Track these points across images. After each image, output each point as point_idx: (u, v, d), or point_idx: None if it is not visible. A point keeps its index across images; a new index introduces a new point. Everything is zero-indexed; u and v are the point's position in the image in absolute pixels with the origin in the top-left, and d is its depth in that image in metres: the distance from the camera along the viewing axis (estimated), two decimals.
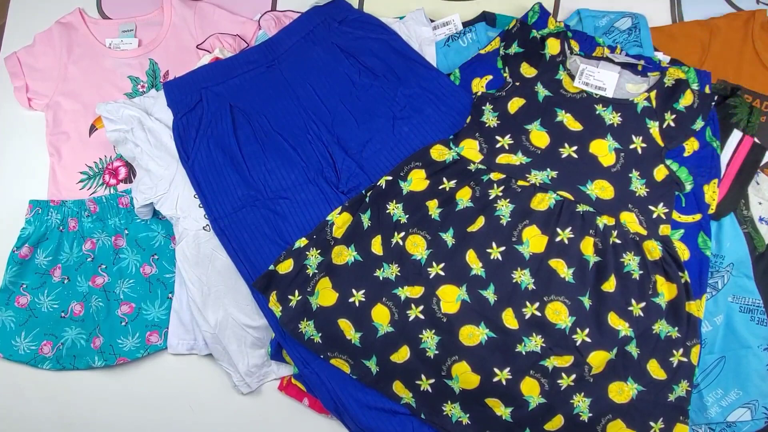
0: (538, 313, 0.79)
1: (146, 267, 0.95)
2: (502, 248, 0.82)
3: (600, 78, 0.91)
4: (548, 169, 0.87)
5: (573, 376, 0.78)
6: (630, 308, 0.80)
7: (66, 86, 1.04)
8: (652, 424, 0.78)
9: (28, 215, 0.96)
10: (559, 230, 0.83)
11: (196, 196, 0.91)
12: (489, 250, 0.82)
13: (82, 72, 1.05)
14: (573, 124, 0.89)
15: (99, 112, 0.94)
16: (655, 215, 0.84)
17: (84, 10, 1.09)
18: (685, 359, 0.80)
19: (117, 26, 1.08)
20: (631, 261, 0.82)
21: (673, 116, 0.88)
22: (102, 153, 1.01)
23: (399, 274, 0.83)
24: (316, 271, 0.85)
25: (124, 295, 0.93)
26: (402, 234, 0.85)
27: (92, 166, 1.01)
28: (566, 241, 0.82)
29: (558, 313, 0.79)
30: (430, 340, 0.81)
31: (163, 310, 0.93)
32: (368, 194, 0.88)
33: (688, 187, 0.86)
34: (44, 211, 0.96)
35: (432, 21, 1.03)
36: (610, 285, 0.80)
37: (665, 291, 0.82)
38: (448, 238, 0.84)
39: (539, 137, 0.89)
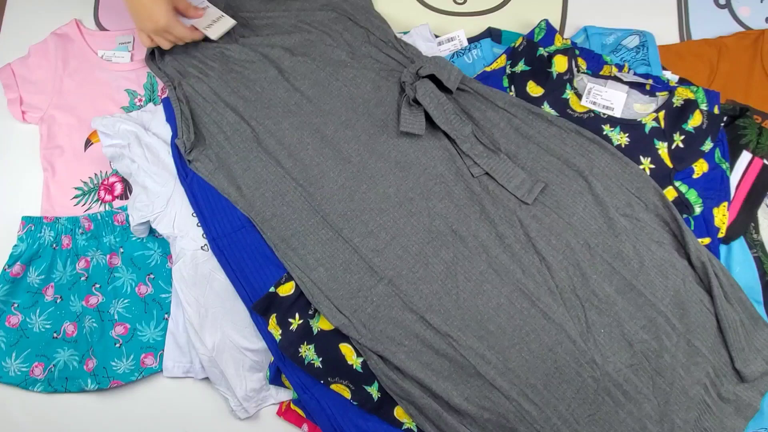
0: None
1: (142, 286, 0.92)
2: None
3: (607, 97, 0.90)
4: None
5: None
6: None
7: (61, 99, 1.01)
8: None
9: (20, 232, 0.93)
10: None
11: (194, 214, 0.89)
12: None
13: (78, 85, 1.02)
14: None
15: (95, 126, 0.92)
16: None
17: (81, 22, 1.07)
18: None
19: (114, 38, 1.06)
20: None
21: (682, 137, 0.87)
22: (97, 168, 0.99)
23: None
24: None
25: (118, 316, 0.91)
26: None
27: (87, 182, 0.98)
28: None
29: None
30: None
31: (159, 331, 0.91)
32: None
33: (698, 209, 0.85)
34: (37, 228, 0.93)
35: (437, 36, 1.01)
36: None
37: None
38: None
39: None
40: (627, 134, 0.88)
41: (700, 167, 0.86)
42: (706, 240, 0.84)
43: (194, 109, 0.92)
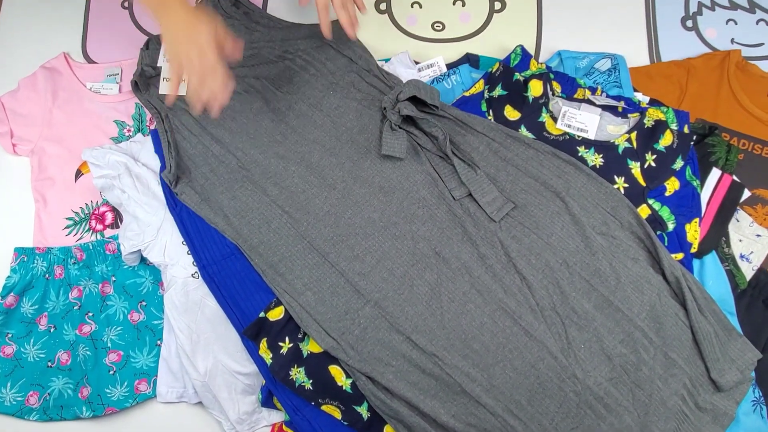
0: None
1: (134, 314, 0.94)
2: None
3: (582, 120, 0.93)
4: None
5: None
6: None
7: (51, 131, 1.03)
8: None
9: (13, 263, 0.95)
10: None
11: (185, 242, 0.91)
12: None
13: (67, 117, 1.04)
14: None
15: (85, 158, 0.94)
16: None
17: (69, 55, 1.09)
18: None
19: (102, 70, 1.08)
20: None
21: (654, 156, 0.90)
22: (88, 198, 1.01)
23: None
24: None
25: (111, 343, 0.92)
26: None
27: (78, 212, 1.00)
28: None
29: None
30: None
31: (152, 357, 0.92)
32: None
33: (671, 226, 0.88)
34: (30, 258, 0.95)
35: (417, 63, 1.04)
36: None
37: None
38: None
39: None
40: (601, 155, 0.91)
41: (672, 185, 0.90)
42: (680, 255, 0.87)
43: (180, 142, 0.95)
